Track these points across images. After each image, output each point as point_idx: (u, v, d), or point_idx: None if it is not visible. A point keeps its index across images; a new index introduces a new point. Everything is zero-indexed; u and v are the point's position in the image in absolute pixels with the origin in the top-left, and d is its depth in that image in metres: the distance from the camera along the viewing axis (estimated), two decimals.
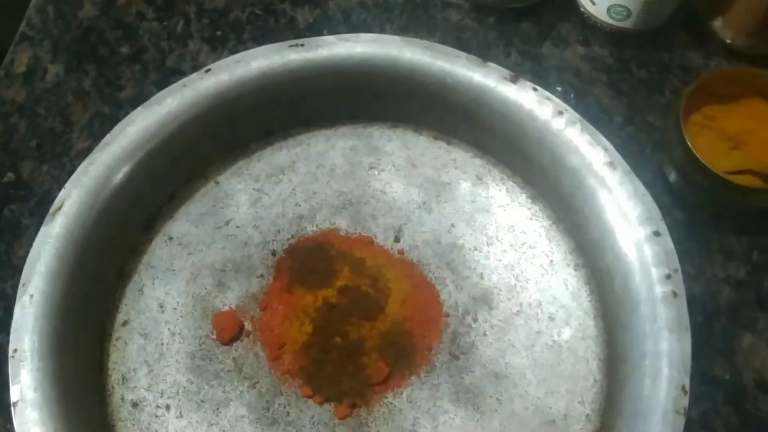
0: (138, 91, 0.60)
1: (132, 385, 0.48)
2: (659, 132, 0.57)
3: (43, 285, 0.44)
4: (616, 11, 0.57)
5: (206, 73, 0.51)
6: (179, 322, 0.50)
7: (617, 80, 0.59)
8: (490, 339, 0.50)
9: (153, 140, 0.50)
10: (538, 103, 0.50)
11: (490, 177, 0.55)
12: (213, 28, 0.63)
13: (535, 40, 0.61)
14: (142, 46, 0.62)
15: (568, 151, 0.49)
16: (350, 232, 0.54)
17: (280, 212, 0.54)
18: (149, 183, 0.51)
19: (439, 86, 0.52)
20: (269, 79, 0.52)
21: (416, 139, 0.56)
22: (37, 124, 0.59)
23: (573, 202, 0.50)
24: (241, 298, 0.51)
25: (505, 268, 0.52)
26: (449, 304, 0.51)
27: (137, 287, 0.51)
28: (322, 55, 0.52)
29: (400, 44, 0.52)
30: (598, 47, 0.61)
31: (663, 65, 0.60)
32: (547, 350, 0.49)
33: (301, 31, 0.62)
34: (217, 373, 0.49)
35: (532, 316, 0.51)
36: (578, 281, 0.51)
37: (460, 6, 0.63)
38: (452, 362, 0.49)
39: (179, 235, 0.53)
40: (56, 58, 0.62)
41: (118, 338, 0.50)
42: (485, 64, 0.51)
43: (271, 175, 0.55)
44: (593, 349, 0.49)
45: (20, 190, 0.57)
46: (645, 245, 0.46)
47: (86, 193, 0.47)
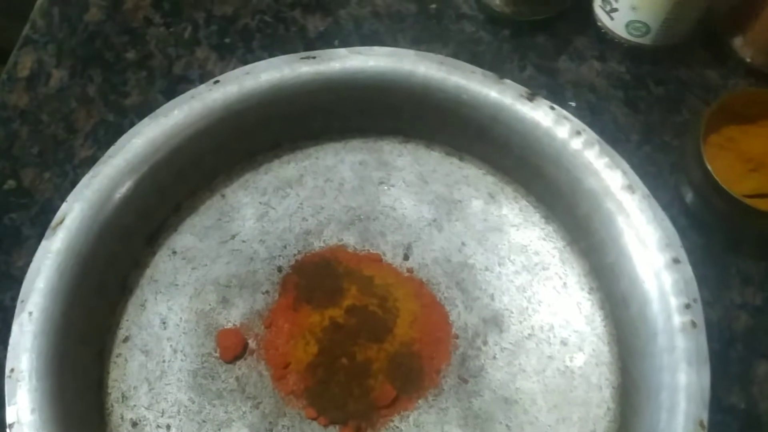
0: (143, 99, 0.59)
1: (132, 403, 0.47)
2: (676, 152, 0.56)
3: (42, 302, 0.43)
4: (635, 27, 0.56)
5: (215, 84, 0.50)
6: (182, 339, 0.49)
7: (634, 97, 0.58)
8: (501, 363, 0.49)
9: (158, 153, 0.48)
10: (555, 122, 0.48)
11: (503, 195, 0.54)
12: (221, 35, 0.61)
13: (550, 54, 0.60)
14: (149, 52, 0.61)
15: (586, 173, 0.48)
16: (358, 248, 0.52)
17: (286, 227, 0.53)
18: (154, 196, 0.50)
19: (453, 102, 0.51)
20: (279, 91, 0.50)
21: (428, 155, 0.55)
22: (39, 130, 0.58)
23: (589, 224, 0.49)
24: (246, 315, 0.50)
25: (517, 290, 0.51)
26: (459, 326, 0.50)
27: (139, 302, 0.50)
28: (334, 69, 0.50)
29: (414, 59, 0.50)
30: (614, 63, 0.59)
31: (681, 83, 0.59)
32: (559, 376, 0.48)
33: (312, 41, 0.61)
34: (220, 392, 0.48)
35: (544, 340, 0.49)
36: (592, 305, 0.50)
37: (475, 18, 0.61)
38: (461, 386, 0.48)
39: (183, 248, 0.52)
40: (61, 62, 0.61)
41: (119, 355, 0.48)
42: (501, 81, 0.50)
43: (278, 188, 0.54)
44: (607, 377, 0.48)
45: (21, 198, 0.56)
46: (664, 272, 0.44)
47: (89, 207, 0.46)
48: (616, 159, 0.47)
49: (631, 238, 0.46)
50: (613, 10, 0.56)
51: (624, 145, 0.56)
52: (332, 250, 0.52)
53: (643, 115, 0.57)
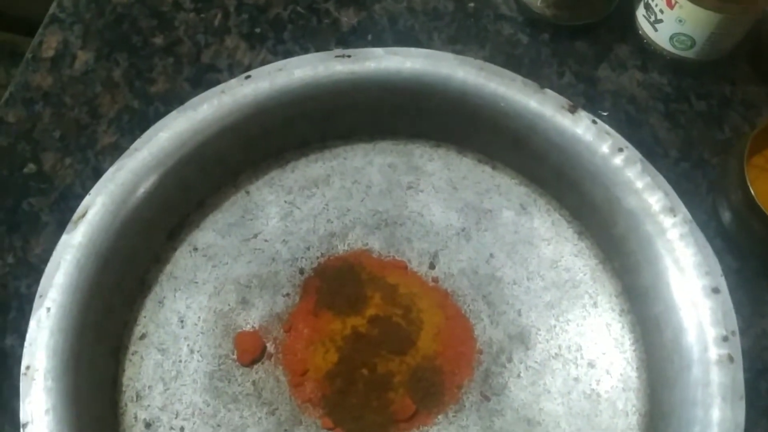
0: (170, 87, 0.57)
1: (146, 403, 0.46)
2: (716, 170, 0.54)
3: (61, 298, 0.42)
4: (680, 40, 0.54)
5: (246, 79, 0.48)
6: (199, 339, 0.48)
7: (675, 111, 0.56)
8: (525, 382, 0.47)
9: (184, 147, 0.47)
10: (597, 136, 0.47)
11: (535, 207, 0.52)
12: (252, 24, 0.60)
13: (590, 61, 0.58)
14: (177, 38, 0.59)
15: (626, 192, 0.46)
16: (383, 254, 0.51)
17: (311, 228, 0.51)
18: (177, 191, 0.48)
19: (490, 109, 0.49)
20: (311, 90, 0.49)
21: (459, 161, 0.53)
22: (62, 113, 0.57)
23: (625, 244, 0.47)
24: (265, 318, 0.49)
25: (545, 307, 0.49)
26: (483, 341, 0.48)
27: (157, 299, 0.49)
28: (369, 69, 0.49)
29: (452, 62, 0.49)
30: (656, 74, 0.57)
31: (724, 98, 0.57)
32: (584, 399, 0.47)
33: (345, 35, 0.59)
34: (236, 396, 0.47)
35: (571, 360, 0.48)
36: (622, 328, 0.48)
37: (514, 19, 0.59)
38: (482, 403, 0.47)
39: (205, 245, 0.50)
40: (86, 44, 0.59)
41: (135, 352, 0.47)
42: (542, 90, 0.48)
43: (304, 187, 0.52)
44: (634, 403, 0.46)
45: (41, 183, 0.54)
46: (702, 301, 0.43)
47: (111, 201, 0.45)
48: (658, 179, 0.46)
49: (669, 263, 0.44)
50: (658, 21, 0.54)
51: (662, 160, 0.54)
52: (356, 255, 0.51)
53: (683, 130, 0.56)
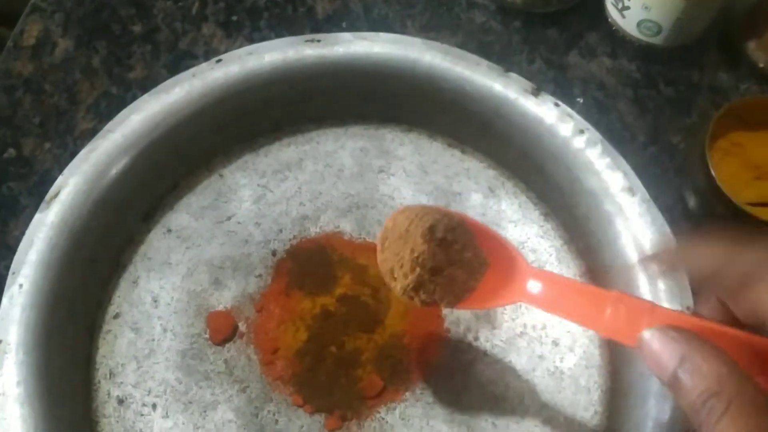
0: (147, 73, 0.58)
1: (119, 380, 0.47)
2: (682, 154, 0.55)
3: (33, 275, 0.43)
4: (647, 27, 0.55)
5: (217, 63, 0.49)
6: (172, 318, 0.49)
7: (643, 97, 0.57)
8: (491, 359, 0.48)
9: (157, 130, 0.48)
10: (559, 119, 0.48)
11: (503, 190, 0.53)
12: (229, 12, 0.61)
13: (561, 48, 0.59)
14: (155, 26, 0.60)
15: (587, 173, 0.47)
16: (354, 236, 0.52)
17: (283, 210, 0.52)
18: (151, 173, 0.49)
19: (457, 93, 0.50)
20: (281, 73, 0.50)
21: (429, 145, 0.54)
22: (42, 100, 0.58)
23: (587, 224, 0.48)
24: (237, 298, 0.50)
25: None
26: (450, 320, 0.49)
27: (132, 278, 0.50)
28: (338, 53, 0.50)
29: (420, 47, 0.50)
30: (625, 61, 0.58)
31: (692, 84, 0.58)
32: (548, 376, 0.48)
33: (320, 22, 0.60)
34: (207, 374, 0.48)
35: (536, 339, 0.49)
36: None
37: (486, 7, 0.60)
38: (449, 380, 0.48)
39: (179, 227, 0.51)
40: (67, 32, 0.61)
41: (108, 331, 0.48)
42: (506, 74, 0.49)
43: (277, 171, 0.53)
44: (596, 380, 0.48)
45: (20, 167, 0.55)
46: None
47: (84, 181, 0.46)
48: (618, 160, 0.47)
49: (628, 242, 0.45)
50: (625, 8, 0.55)
51: (630, 144, 0.55)
52: (328, 237, 0.52)
53: (651, 115, 0.57)
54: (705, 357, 0.27)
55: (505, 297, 0.37)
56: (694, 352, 0.28)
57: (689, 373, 0.27)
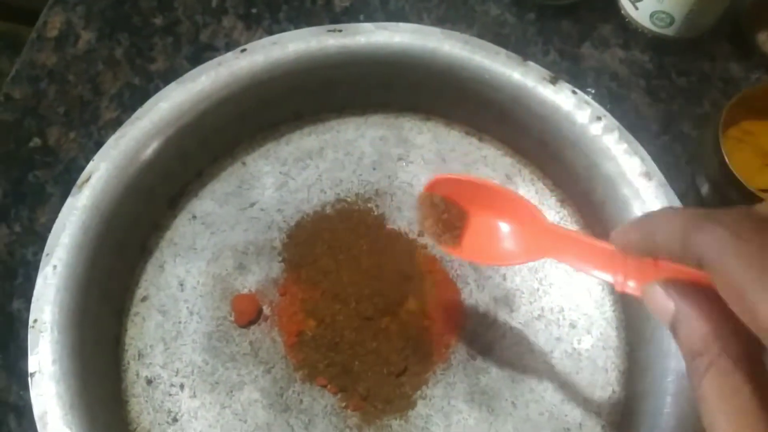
0: (169, 65, 0.59)
1: (148, 361, 0.48)
2: (695, 143, 0.56)
3: (66, 257, 0.44)
4: (659, 18, 0.56)
5: (242, 53, 0.50)
6: (198, 302, 0.50)
7: (656, 87, 0.58)
8: (509, 341, 0.49)
9: (184, 117, 0.49)
10: (576, 106, 0.49)
11: (520, 177, 0.54)
12: (249, 4, 0.62)
13: (574, 39, 0.60)
14: (176, 19, 0.62)
15: (604, 158, 0.48)
16: (375, 223, 0.53)
17: (304, 198, 0.54)
18: (177, 160, 0.50)
19: (475, 82, 0.51)
20: (304, 63, 0.51)
21: (447, 133, 0.56)
22: (66, 90, 0.59)
23: (604, 209, 0.49)
24: (261, 282, 0.51)
25: (529, 271, 0.51)
26: (470, 303, 0.51)
27: (158, 263, 0.51)
28: (359, 43, 0.51)
29: (439, 36, 0.51)
30: (638, 52, 0.59)
31: (703, 75, 0.59)
32: (566, 357, 0.49)
33: (338, 15, 0.61)
34: (233, 355, 0.49)
35: (553, 321, 0.50)
36: (602, 290, 0.51)
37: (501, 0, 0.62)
38: (469, 362, 0.49)
39: (203, 213, 0.53)
40: (89, 24, 0.62)
41: (137, 314, 0.49)
42: (525, 63, 0.50)
43: (298, 159, 0.55)
44: (613, 360, 0.49)
45: (46, 156, 0.56)
46: None
47: (114, 166, 0.47)
48: (635, 146, 0.48)
49: None
50: (638, 0, 0.57)
51: (643, 133, 0.56)
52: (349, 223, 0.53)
53: (664, 105, 0.58)
54: (694, 315, 0.28)
55: (530, 252, 0.40)
56: (685, 309, 0.28)
57: (681, 330, 0.28)
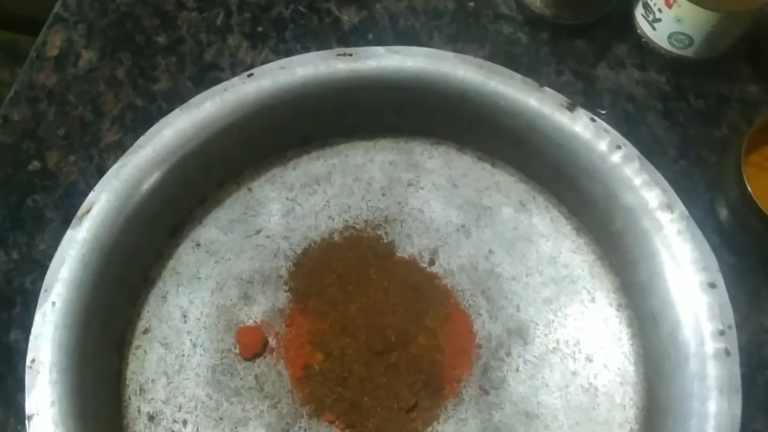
0: (173, 85, 0.58)
1: (149, 396, 0.47)
2: (714, 168, 0.54)
3: (66, 293, 0.43)
4: (678, 39, 0.55)
5: (248, 77, 0.49)
6: (202, 334, 0.48)
7: (673, 110, 0.57)
8: (523, 375, 0.48)
9: (188, 145, 0.48)
10: (595, 134, 0.47)
11: (534, 204, 0.53)
12: (254, 23, 0.60)
13: (589, 60, 0.58)
14: (180, 37, 0.60)
15: (624, 189, 0.46)
16: (384, 251, 0.51)
17: (312, 225, 0.52)
18: (181, 188, 0.49)
19: (490, 107, 0.49)
20: (313, 88, 0.49)
21: (459, 158, 0.54)
22: (66, 111, 0.57)
23: (623, 240, 0.48)
24: (267, 313, 0.49)
25: (544, 302, 0.50)
26: (482, 335, 0.49)
27: (161, 294, 0.49)
28: (370, 67, 0.49)
29: (453, 61, 0.49)
30: (654, 73, 0.58)
31: (721, 97, 0.57)
32: (582, 392, 0.47)
33: (346, 34, 0.60)
34: (238, 389, 0.47)
35: (569, 354, 0.48)
36: (620, 323, 0.49)
37: (513, 18, 0.60)
38: (482, 397, 0.47)
39: (207, 241, 0.51)
40: (90, 43, 0.60)
41: (138, 347, 0.48)
42: (541, 89, 0.49)
43: (305, 185, 0.53)
44: (631, 396, 0.47)
45: (45, 180, 0.55)
46: (698, 296, 0.43)
47: (116, 197, 0.45)
48: (656, 176, 0.46)
49: (666, 259, 0.45)
50: (656, 20, 0.55)
51: (660, 158, 0.54)
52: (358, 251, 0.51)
53: (681, 129, 0.56)
54: None
55: None
56: None
57: None
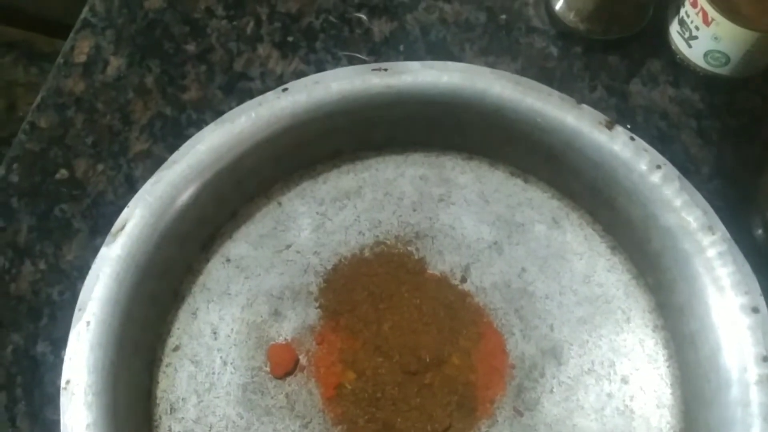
0: (202, 95, 0.57)
1: (180, 416, 0.46)
2: (749, 187, 0.54)
3: (100, 312, 0.42)
4: (714, 57, 0.54)
5: (283, 92, 0.48)
6: (232, 351, 0.48)
7: (707, 128, 0.56)
8: (558, 397, 0.47)
9: (222, 161, 0.47)
10: (634, 153, 0.47)
11: (567, 221, 0.52)
12: (284, 32, 0.60)
13: (622, 75, 0.58)
14: (210, 46, 0.59)
15: (664, 209, 0.46)
16: (415, 267, 0.51)
17: (342, 240, 0.51)
18: (213, 203, 0.48)
19: (526, 124, 0.49)
20: (348, 103, 0.49)
21: (491, 174, 0.53)
22: (94, 119, 0.57)
23: (660, 261, 0.47)
24: (297, 330, 0.49)
25: (578, 322, 0.49)
26: (515, 355, 0.48)
27: (191, 310, 0.49)
28: (405, 82, 0.49)
29: (489, 77, 0.49)
30: (689, 90, 0.57)
31: (756, 115, 0.56)
32: (618, 415, 0.47)
33: (377, 45, 0.59)
34: (269, 409, 0.47)
35: (604, 376, 0.48)
36: (656, 344, 0.48)
37: (546, 32, 0.59)
38: (515, 418, 0.47)
39: (237, 257, 0.50)
40: (119, 50, 0.59)
41: (168, 364, 0.47)
42: (579, 106, 0.48)
43: (335, 199, 0.52)
44: (668, 420, 0.46)
45: (73, 189, 0.54)
46: (740, 320, 0.43)
47: (150, 214, 0.45)
48: (696, 197, 0.46)
49: (707, 282, 0.44)
50: (693, 38, 0.54)
51: (694, 176, 0.54)
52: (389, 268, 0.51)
53: (716, 147, 0.55)
54: None
55: None
56: None
57: None
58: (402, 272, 0.50)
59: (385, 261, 0.51)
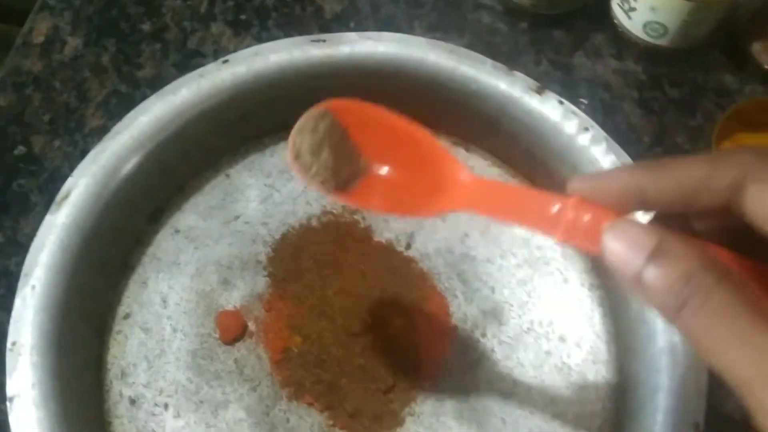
0: (156, 72, 0.59)
1: (131, 380, 0.47)
2: (687, 155, 0.55)
3: (45, 276, 0.43)
4: (653, 28, 0.55)
5: (223, 63, 0.49)
6: (182, 319, 0.49)
7: (648, 98, 0.57)
8: (499, 356, 0.49)
9: (165, 131, 0.48)
10: (563, 117, 0.48)
11: None
12: (237, 11, 0.61)
13: (567, 49, 0.59)
14: (164, 25, 0.61)
15: (592, 169, 0.47)
16: (360, 234, 0.52)
17: (290, 210, 0.53)
18: (159, 174, 0.50)
19: (462, 92, 0.50)
20: (287, 74, 0.50)
21: None
22: (52, 97, 0.58)
23: None
24: (246, 297, 0.50)
25: (518, 283, 0.51)
26: (458, 317, 0.50)
27: (141, 279, 0.50)
28: (343, 53, 0.50)
29: (424, 46, 0.50)
30: (631, 62, 0.59)
31: (697, 86, 0.58)
32: (556, 372, 0.48)
33: (328, 22, 0.60)
34: (218, 373, 0.48)
35: (543, 335, 0.49)
36: (592, 302, 0.50)
37: (493, 8, 0.61)
38: (458, 377, 0.48)
39: (186, 228, 0.52)
40: (76, 30, 0.61)
41: (119, 332, 0.49)
42: (511, 73, 0.49)
43: (283, 171, 0.54)
44: (604, 375, 0.48)
45: (30, 164, 0.56)
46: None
47: (94, 183, 0.46)
48: (623, 157, 0.47)
49: None
50: (632, 10, 0.56)
51: (635, 146, 0.55)
52: (335, 235, 0.52)
53: (657, 117, 0.57)
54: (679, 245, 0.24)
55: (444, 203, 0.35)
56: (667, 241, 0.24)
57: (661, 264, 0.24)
58: (348, 240, 0.52)
59: (332, 230, 0.52)
